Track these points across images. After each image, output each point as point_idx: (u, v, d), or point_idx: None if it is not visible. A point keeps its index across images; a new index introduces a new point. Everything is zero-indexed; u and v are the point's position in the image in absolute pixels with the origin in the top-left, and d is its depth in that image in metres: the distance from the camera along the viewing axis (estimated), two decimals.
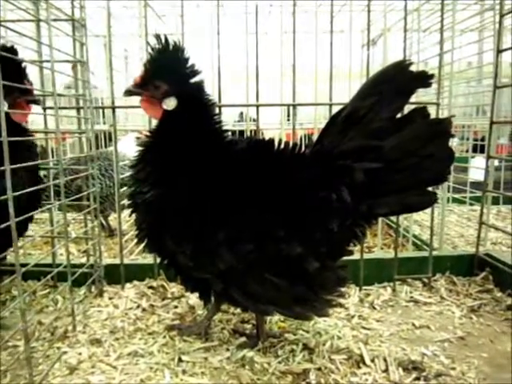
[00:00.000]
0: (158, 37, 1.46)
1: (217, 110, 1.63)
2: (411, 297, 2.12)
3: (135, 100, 1.65)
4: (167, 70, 1.51)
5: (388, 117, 1.38)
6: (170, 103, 1.52)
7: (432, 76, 1.39)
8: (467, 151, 3.95)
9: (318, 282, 1.44)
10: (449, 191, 3.39)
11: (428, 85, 1.42)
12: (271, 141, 1.54)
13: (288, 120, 3.95)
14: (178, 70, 1.51)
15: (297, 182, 1.42)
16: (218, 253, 1.41)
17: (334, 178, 1.40)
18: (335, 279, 1.47)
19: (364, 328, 1.82)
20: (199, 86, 1.55)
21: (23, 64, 1.63)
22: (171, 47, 1.47)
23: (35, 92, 1.75)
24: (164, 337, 1.73)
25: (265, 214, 1.39)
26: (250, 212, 1.40)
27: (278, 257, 1.39)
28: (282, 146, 1.52)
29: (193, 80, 1.54)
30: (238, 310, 1.83)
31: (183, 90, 1.52)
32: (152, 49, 1.49)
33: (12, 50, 1.55)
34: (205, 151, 1.50)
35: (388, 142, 1.36)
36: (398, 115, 1.42)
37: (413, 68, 1.40)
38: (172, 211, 1.47)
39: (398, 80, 1.39)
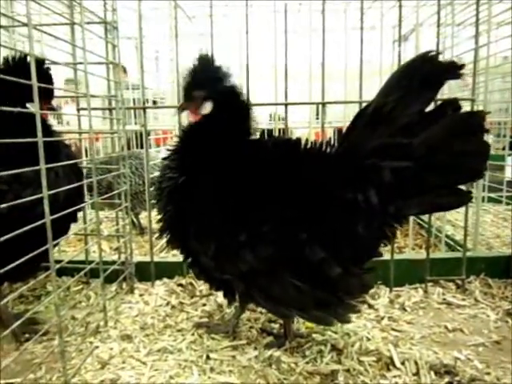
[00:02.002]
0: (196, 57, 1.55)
1: (251, 110, 1.63)
2: (444, 299, 2.07)
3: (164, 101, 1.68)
4: (202, 79, 1.56)
5: (416, 111, 1.29)
6: (207, 107, 1.57)
7: (463, 66, 1.29)
8: (504, 149, 3.81)
9: (341, 287, 1.39)
10: (484, 190, 3.27)
11: (458, 76, 1.30)
12: (297, 141, 1.52)
13: (317, 118, 3.92)
14: (211, 76, 1.56)
15: (321, 183, 1.38)
16: (239, 254, 1.40)
17: (360, 179, 1.34)
18: (359, 285, 1.42)
19: (394, 330, 1.78)
20: (232, 88, 1.58)
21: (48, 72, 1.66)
22: (202, 58, 1.55)
23: (69, 93, 1.80)
24: (192, 334, 1.75)
25: (287, 217, 1.36)
26: (272, 214, 1.38)
27: (300, 260, 1.36)
28: (308, 145, 1.50)
29: (226, 83, 1.57)
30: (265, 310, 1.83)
31: (216, 93, 1.55)
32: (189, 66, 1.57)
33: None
34: (233, 151, 1.51)
35: (417, 139, 1.28)
36: (428, 109, 1.32)
37: (441, 59, 1.31)
38: (196, 208, 1.48)
39: (426, 71, 1.29)
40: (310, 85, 3.26)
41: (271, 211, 1.39)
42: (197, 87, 1.57)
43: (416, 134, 1.29)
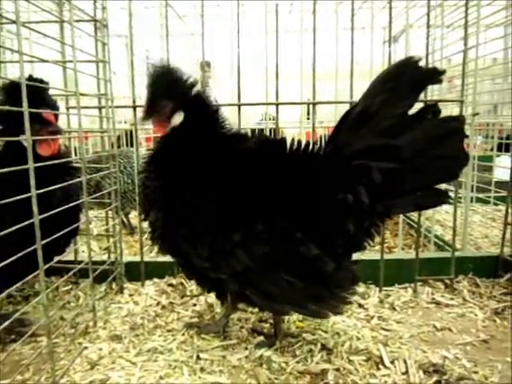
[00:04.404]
0: (150, 64, 1.54)
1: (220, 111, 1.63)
2: (433, 298, 2.09)
3: None
4: (168, 88, 1.53)
5: (399, 114, 1.35)
6: (178, 118, 1.55)
7: (443, 72, 1.35)
8: (492, 150, 3.85)
9: (334, 281, 1.44)
10: (472, 191, 3.31)
11: (439, 81, 1.38)
12: (284, 140, 1.53)
13: (308, 118, 3.93)
14: (177, 85, 1.54)
15: (313, 182, 1.41)
16: (233, 254, 1.42)
17: (350, 179, 1.39)
18: (350, 278, 1.47)
19: (384, 329, 1.80)
20: (202, 96, 1.58)
21: (43, 90, 1.63)
22: (164, 67, 1.54)
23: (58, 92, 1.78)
24: (183, 334, 1.75)
25: (281, 216, 1.39)
26: (266, 213, 1.40)
27: (295, 258, 1.39)
28: (296, 145, 1.51)
29: (193, 91, 1.56)
30: (256, 309, 1.83)
31: (188, 103, 1.54)
32: (148, 74, 1.54)
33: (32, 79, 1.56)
34: (216, 154, 1.51)
35: (401, 141, 1.34)
36: (409, 112, 1.38)
37: (422, 64, 1.37)
38: (187, 212, 1.47)
39: (408, 76, 1.35)
40: (301, 85, 3.27)
41: (265, 211, 1.40)
42: (163, 97, 1.54)
43: (400, 137, 1.35)
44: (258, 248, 1.40)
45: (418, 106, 1.39)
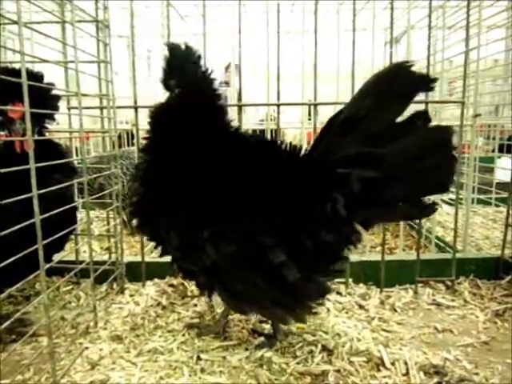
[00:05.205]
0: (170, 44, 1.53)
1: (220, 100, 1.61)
2: (433, 300, 2.08)
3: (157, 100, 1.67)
4: (173, 67, 1.53)
5: (387, 121, 1.29)
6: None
7: (435, 80, 1.30)
8: (493, 151, 3.85)
9: (299, 290, 1.40)
10: (473, 192, 3.30)
11: (430, 89, 1.33)
12: (273, 141, 1.53)
13: (309, 119, 3.93)
14: (179, 64, 1.53)
15: (291, 188, 1.37)
16: (203, 248, 1.40)
17: (329, 187, 1.33)
18: (317, 290, 1.44)
19: (384, 330, 1.79)
20: (198, 77, 1.55)
21: (50, 91, 1.64)
22: (173, 47, 1.53)
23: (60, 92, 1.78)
24: (183, 335, 1.75)
25: (252, 217, 1.35)
26: (238, 213, 1.37)
27: (261, 261, 1.35)
28: (284, 148, 1.49)
29: (194, 71, 1.54)
30: None
31: (183, 82, 1.53)
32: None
33: (37, 77, 1.56)
34: (207, 144, 1.49)
35: (386, 150, 1.28)
36: (399, 119, 1.32)
37: (415, 69, 1.29)
38: (165, 198, 1.48)
39: (400, 81, 1.30)
40: (302, 85, 3.27)
41: (237, 210, 1.38)
42: (170, 76, 1.54)
43: (386, 145, 1.29)
44: (227, 246, 1.37)
45: (418, 107, 1.37)
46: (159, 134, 1.58)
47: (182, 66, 1.53)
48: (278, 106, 2.16)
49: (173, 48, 1.53)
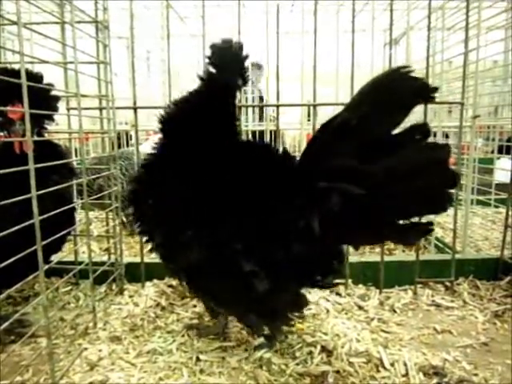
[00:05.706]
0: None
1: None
2: (433, 300, 2.08)
3: (156, 101, 1.67)
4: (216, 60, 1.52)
5: (381, 134, 1.19)
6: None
7: (436, 89, 1.18)
8: (492, 152, 3.85)
9: (270, 300, 1.37)
10: (473, 193, 3.31)
11: (431, 98, 1.20)
12: (268, 147, 1.54)
13: (309, 120, 3.93)
14: (219, 59, 1.52)
15: (270, 198, 1.32)
16: (180, 250, 1.41)
17: (306, 201, 1.25)
18: (290, 303, 1.43)
19: (384, 331, 1.79)
20: (214, 75, 1.51)
21: (49, 92, 1.64)
22: (226, 43, 1.54)
23: (60, 93, 1.78)
24: (183, 336, 1.74)
25: (226, 223, 1.33)
26: (212, 218, 1.36)
27: (233, 268, 1.33)
28: (275, 152, 1.47)
29: (219, 68, 1.51)
30: None
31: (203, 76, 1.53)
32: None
33: (36, 78, 1.56)
34: (204, 146, 1.48)
35: (376, 166, 1.16)
36: (395, 131, 1.19)
37: (414, 74, 1.18)
38: (153, 194, 1.49)
39: (396, 91, 1.19)
40: (301, 86, 3.27)
41: (212, 215, 1.36)
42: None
43: (377, 160, 1.17)
44: (199, 250, 1.36)
45: (417, 108, 1.34)
46: (167, 133, 1.59)
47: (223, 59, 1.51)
48: (278, 106, 2.16)
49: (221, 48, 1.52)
